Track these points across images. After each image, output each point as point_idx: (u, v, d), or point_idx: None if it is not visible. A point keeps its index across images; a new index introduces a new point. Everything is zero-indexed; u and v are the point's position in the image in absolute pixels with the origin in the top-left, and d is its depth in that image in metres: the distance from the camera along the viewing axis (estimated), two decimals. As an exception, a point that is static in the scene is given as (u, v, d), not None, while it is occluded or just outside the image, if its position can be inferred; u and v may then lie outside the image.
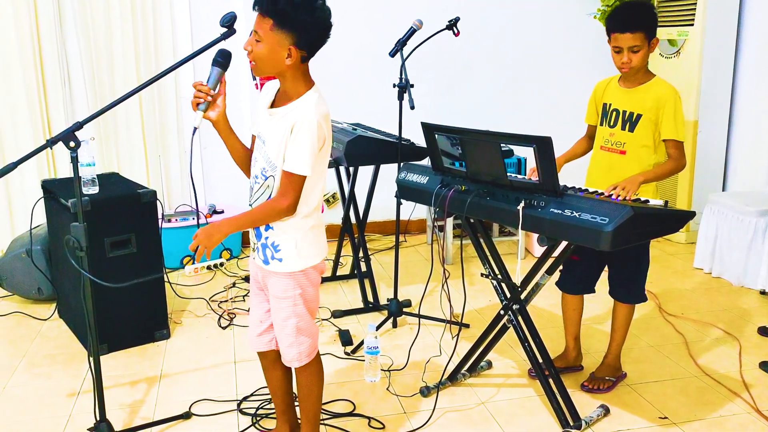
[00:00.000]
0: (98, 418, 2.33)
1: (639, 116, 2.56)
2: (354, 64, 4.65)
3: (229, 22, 2.01)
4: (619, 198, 2.32)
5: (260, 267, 2.10)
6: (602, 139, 2.68)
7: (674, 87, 2.56)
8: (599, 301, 2.98)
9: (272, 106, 2.02)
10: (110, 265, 3.02)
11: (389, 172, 3.67)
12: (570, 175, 2.73)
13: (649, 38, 2.49)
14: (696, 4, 4.32)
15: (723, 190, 4.66)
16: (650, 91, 2.56)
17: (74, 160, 2.08)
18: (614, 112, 2.64)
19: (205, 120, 1.99)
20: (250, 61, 1.92)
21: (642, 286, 2.72)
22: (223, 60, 1.96)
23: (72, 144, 2.04)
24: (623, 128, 2.60)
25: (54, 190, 3.21)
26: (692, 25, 4.36)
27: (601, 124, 2.69)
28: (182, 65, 2.22)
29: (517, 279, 2.52)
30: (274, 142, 1.97)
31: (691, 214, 2.39)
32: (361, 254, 3.67)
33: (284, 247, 2.03)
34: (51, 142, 2.03)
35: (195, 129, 1.97)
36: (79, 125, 2.06)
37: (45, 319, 3.49)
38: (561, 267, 2.79)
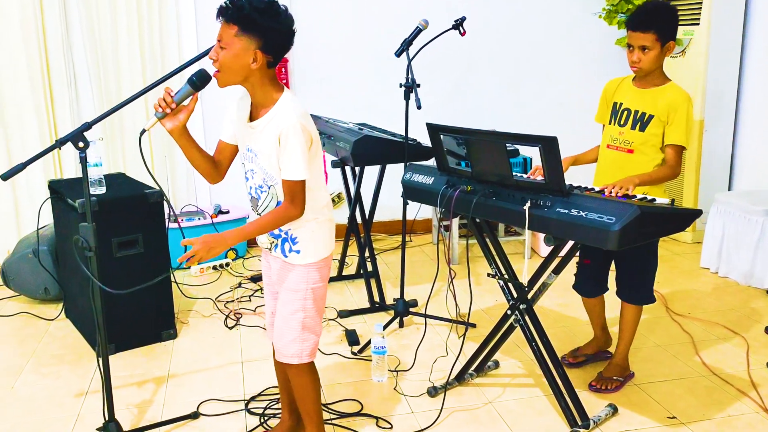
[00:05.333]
0: (107, 418, 2.34)
1: (651, 117, 2.56)
2: (360, 64, 4.65)
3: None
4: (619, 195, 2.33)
5: (277, 260, 2.13)
6: (610, 138, 2.69)
7: (688, 94, 2.55)
8: (608, 302, 2.98)
9: (250, 118, 2.03)
10: (117, 265, 3.03)
11: (395, 171, 3.67)
12: (578, 175, 2.74)
13: (662, 40, 2.49)
14: (702, 3, 4.31)
15: (729, 189, 4.65)
16: (664, 94, 2.56)
17: (83, 161, 2.08)
18: (625, 111, 2.63)
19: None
20: (216, 71, 1.93)
21: (650, 287, 2.71)
22: (197, 81, 1.97)
23: (81, 144, 2.05)
24: (633, 128, 2.60)
25: (61, 191, 3.22)
26: (698, 24, 4.35)
27: (610, 123, 2.69)
28: (188, 67, 2.23)
29: (524, 279, 2.52)
30: (264, 154, 2.00)
31: (697, 213, 2.39)
32: (367, 254, 3.67)
33: (302, 238, 2.08)
34: (60, 143, 2.04)
35: (143, 131, 1.99)
36: (88, 126, 2.07)
37: (52, 319, 3.50)
38: (576, 271, 2.84)
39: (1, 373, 2.97)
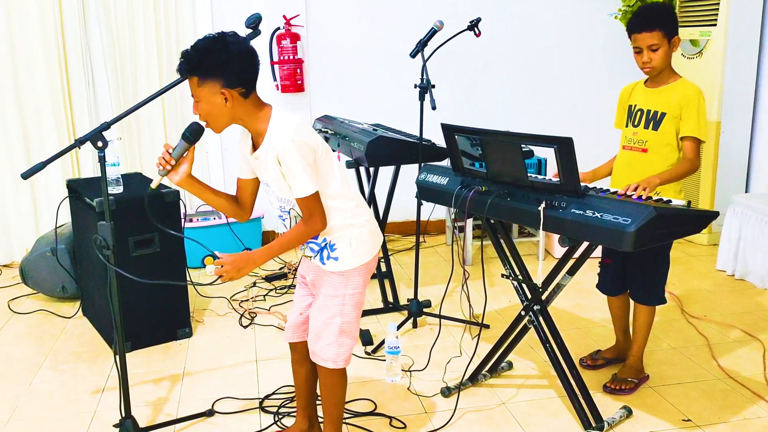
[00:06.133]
0: (124, 415, 2.36)
1: (663, 114, 2.57)
2: (375, 65, 4.66)
3: (254, 24, 2.04)
4: (634, 196, 2.33)
5: (316, 267, 2.14)
6: (625, 139, 2.71)
7: (698, 87, 2.57)
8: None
9: (254, 148, 2.04)
10: (134, 263, 3.05)
11: (408, 172, 3.68)
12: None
13: (668, 36, 2.53)
14: (719, 3, 4.28)
15: (746, 191, 4.61)
16: (675, 90, 2.58)
17: (102, 160, 2.11)
18: (639, 112, 2.65)
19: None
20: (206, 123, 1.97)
21: (661, 287, 2.71)
22: (190, 135, 1.99)
23: (100, 144, 2.08)
24: (646, 127, 2.61)
25: (79, 190, 3.26)
26: (715, 25, 4.32)
27: (626, 126, 2.71)
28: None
29: (538, 280, 2.52)
30: (273, 181, 2.02)
31: (714, 215, 2.37)
32: (380, 254, 3.68)
33: (340, 246, 2.07)
34: (79, 142, 2.07)
35: (149, 189, 2.06)
36: (107, 125, 2.10)
37: (69, 317, 3.54)
38: (599, 270, 2.86)
39: (19, 370, 3.01)
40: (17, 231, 4.30)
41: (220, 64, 1.88)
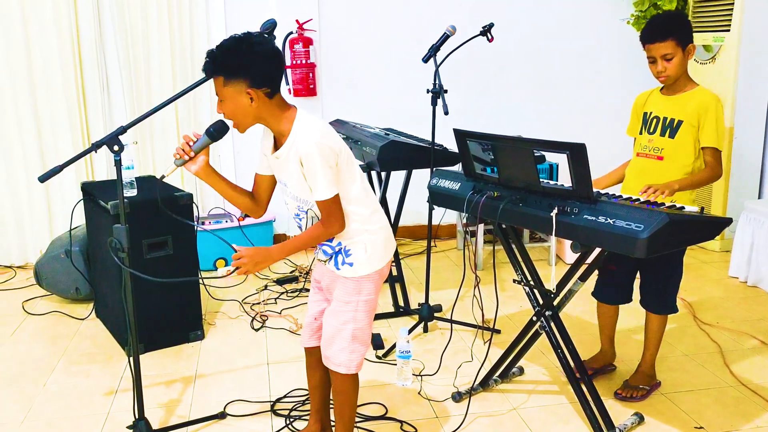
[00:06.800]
0: (137, 417, 2.38)
1: (680, 122, 2.56)
2: (387, 70, 4.68)
3: (268, 29, 2.05)
4: (648, 197, 2.33)
5: (330, 272, 2.15)
6: (640, 146, 2.69)
7: (716, 95, 2.56)
8: (634, 309, 2.97)
9: (275, 147, 2.05)
10: (148, 266, 3.07)
11: (420, 177, 3.68)
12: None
13: (682, 45, 2.51)
14: (732, 9, 4.27)
15: (759, 197, 4.58)
16: (693, 98, 2.57)
17: (118, 164, 2.13)
18: (655, 119, 2.64)
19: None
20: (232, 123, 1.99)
21: (673, 296, 2.70)
22: (215, 132, 2.02)
23: (116, 148, 2.10)
24: (662, 134, 2.60)
25: (93, 193, 3.29)
26: (728, 30, 4.31)
27: (641, 133, 2.70)
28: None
29: (550, 285, 2.52)
30: (293, 181, 2.03)
31: (727, 221, 2.37)
32: (392, 259, 3.68)
33: (355, 251, 2.08)
34: (96, 146, 2.08)
35: (162, 177, 2.08)
36: (123, 129, 2.12)
37: (82, 319, 3.57)
38: (597, 277, 2.81)
39: (33, 370, 3.04)
40: (31, 233, 4.34)
41: (246, 64, 1.89)
